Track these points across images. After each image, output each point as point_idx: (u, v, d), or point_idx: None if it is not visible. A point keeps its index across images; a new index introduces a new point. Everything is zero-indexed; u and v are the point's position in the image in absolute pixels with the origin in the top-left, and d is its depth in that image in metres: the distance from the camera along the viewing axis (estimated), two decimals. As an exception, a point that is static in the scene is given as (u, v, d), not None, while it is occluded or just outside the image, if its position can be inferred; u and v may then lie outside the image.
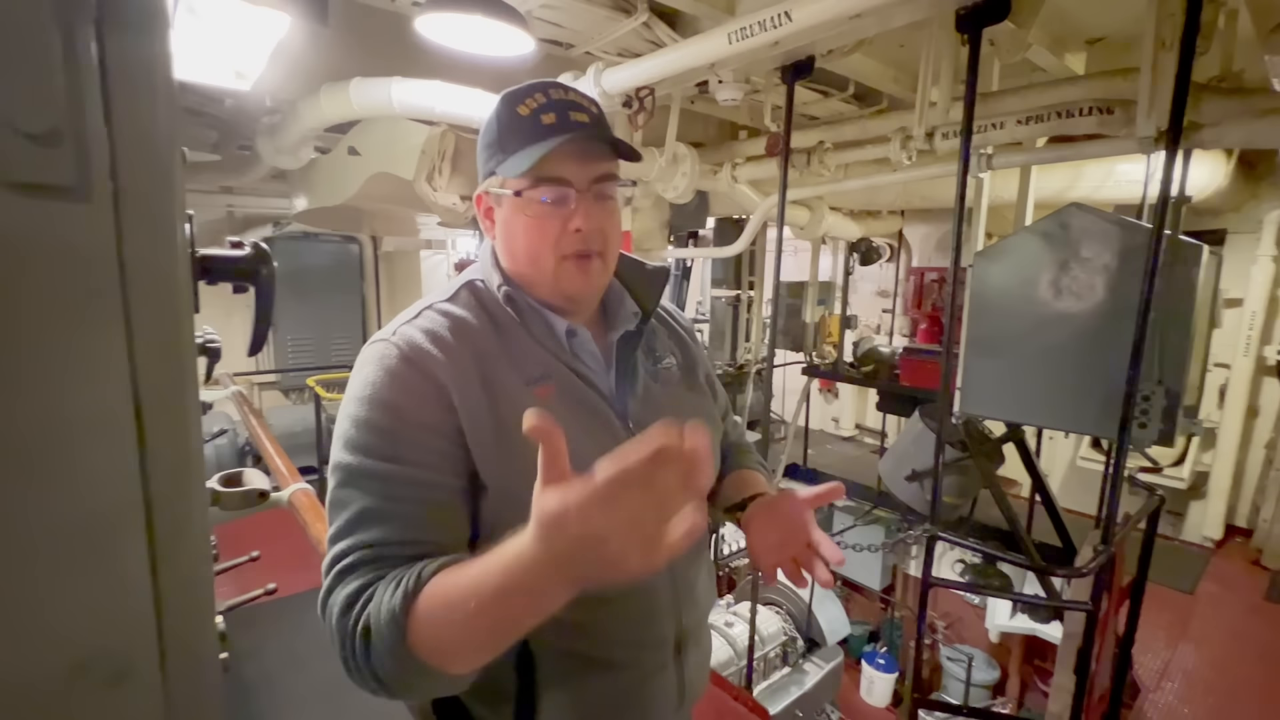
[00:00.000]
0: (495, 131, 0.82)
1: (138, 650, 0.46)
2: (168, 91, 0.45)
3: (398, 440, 0.74)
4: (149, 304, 0.45)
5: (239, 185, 4.12)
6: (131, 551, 0.46)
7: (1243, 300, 5.03)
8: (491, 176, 0.83)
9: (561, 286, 0.83)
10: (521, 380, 0.81)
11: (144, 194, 0.44)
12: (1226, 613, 3.97)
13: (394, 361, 0.76)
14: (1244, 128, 2.10)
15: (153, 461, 0.46)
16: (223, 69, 1.86)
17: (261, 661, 2.94)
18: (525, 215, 0.81)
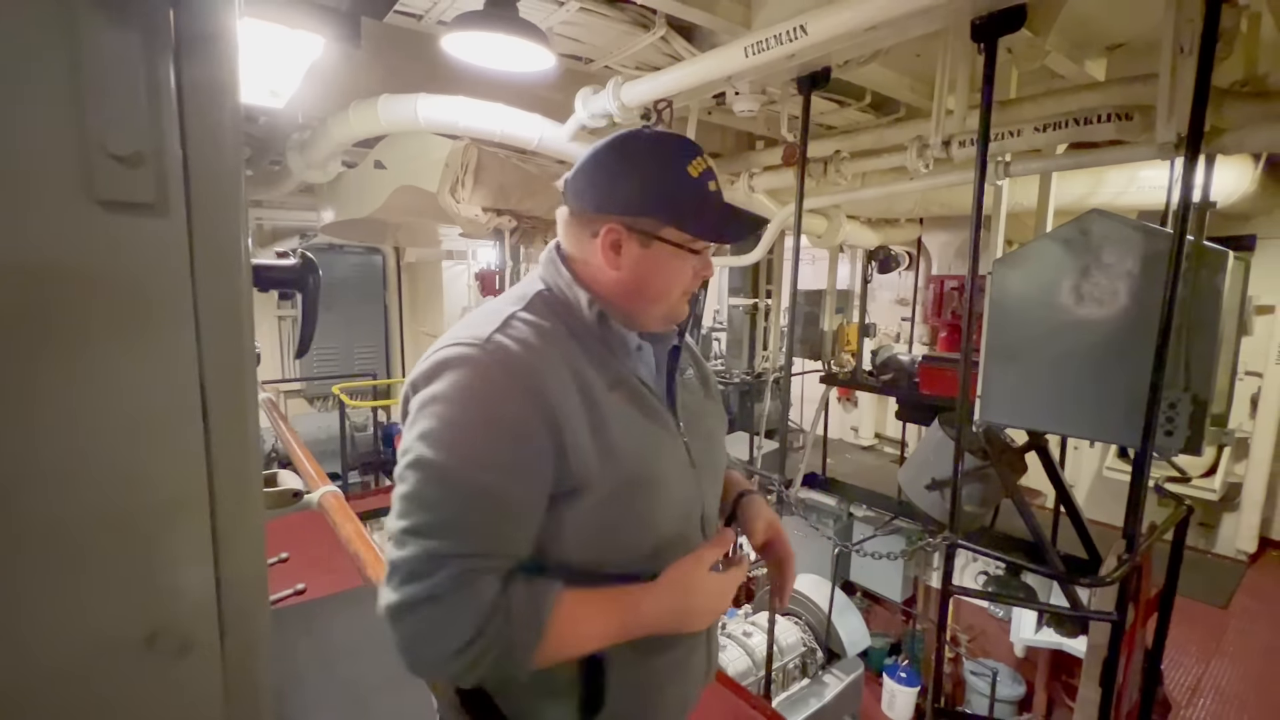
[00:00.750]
0: (668, 182, 0.88)
1: (200, 626, 0.50)
2: (235, 115, 0.49)
3: (499, 452, 0.78)
4: (216, 310, 0.49)
5: (268, 199, 4.25)
6: (196, 537, 0.51)
7: (1275, 307, 4.92)
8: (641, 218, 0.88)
9: (675, 314, 0.96)
10: (604, 386, 0.88)
11: (213, 209, 0.49)
12: (1263, 628, 3.85)
13: (493, 370, 0.80)
14: (1268, 132, 2.08)
15: (216, 456, 0.50)
16: (259, 88, 1.95)
17: (292, 663, 3.00)
18: (680, 263, 0.91)
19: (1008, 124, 2.55)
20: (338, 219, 3.77)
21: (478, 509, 0.78)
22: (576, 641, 0.83)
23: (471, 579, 0.76)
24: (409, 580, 0.76)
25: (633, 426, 0.88)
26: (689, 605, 0.88)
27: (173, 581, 0.50)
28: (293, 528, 4.09)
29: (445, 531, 0.77)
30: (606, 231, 0.88)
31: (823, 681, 4.77)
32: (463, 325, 0.87)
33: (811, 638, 4.96)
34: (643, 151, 0.88)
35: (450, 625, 0.75)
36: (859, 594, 6.31)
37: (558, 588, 0.82)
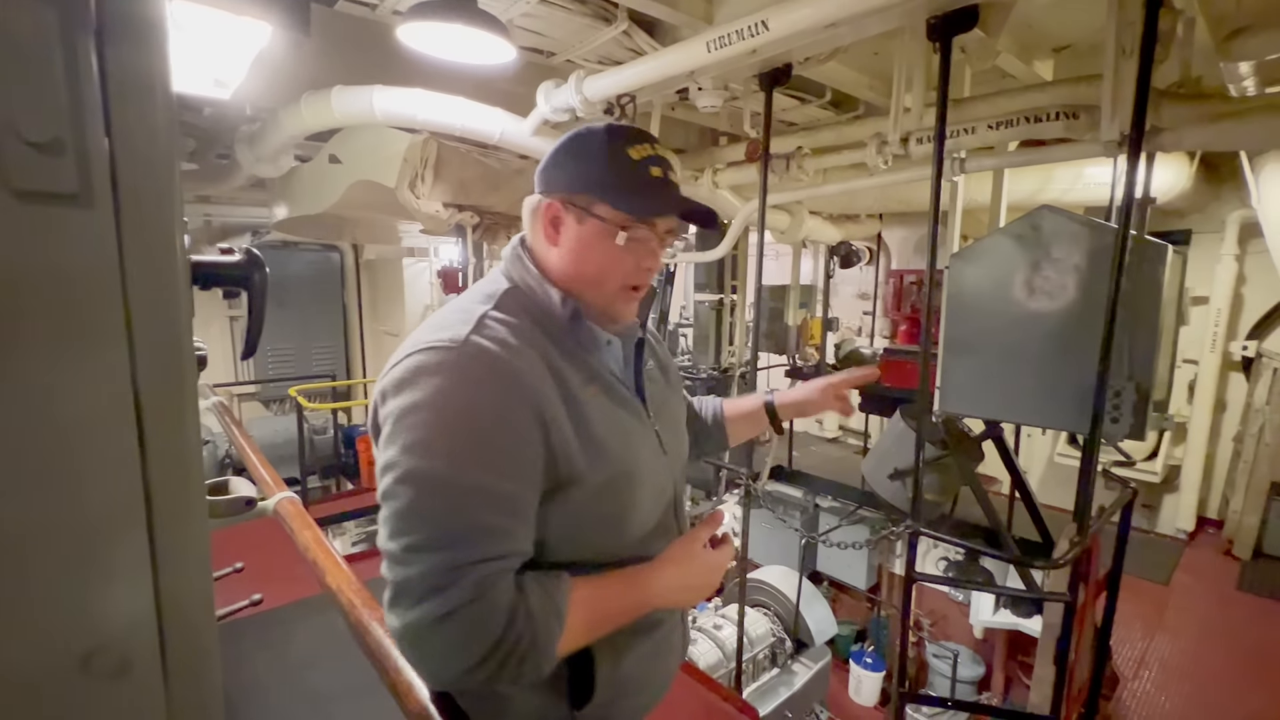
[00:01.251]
0: (601, 159, 0.89)
1: (139, 644, 0.47)
2: (167, 102, 0.46)
3: (488, 451, 0.77)
4: (149, 308, 0.46)
5: (217, 194, 4.08)
6: (132, 551, 0.47)
7: (1208, 298, 5.19)
8: (579, 195, 0.89)
9: (614, 309, 0.95)
10: (580, 382, 0.89)
11: (144, 201, 0.45)
12: (1200, 603, 4.08)
13: (477, 372, 0.79)
14: (1201, 131, 2.18)
15: (153, 464, 0.47)
16: (202, 78, 1.86)
17: (252, 673, 2.90)
18: (611, 243, 0.89)
19: (962, 121, 2.62)
20: (291, 215, 3.64)
21: (484, 513, 0.76)
22: (594, 626, 0.85)
23: (490, 584, 0.75)
24: (426, 597, 0.73)
25: (610, 419, 0.90)
26: (690, 581, 0.93)
27: (107, 598, 0.46)
28: (248, 536, 3.93)
29: (455, 542, 0.75)
30: (547, 207, 0.91)
31: (792, 671, 4.86)
32: (431, 327, 0.85)
33: (780, 628, 5.03)
34: (593, 138, 0.90)
35: (478, 634, 0.74)
36: (826, 583, 6.44)
37: (567, 578, 0.83)
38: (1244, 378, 5.18)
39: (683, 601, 0.95)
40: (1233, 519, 4.89)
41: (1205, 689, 3.24)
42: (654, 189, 0.89)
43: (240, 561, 2.06)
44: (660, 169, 0.90)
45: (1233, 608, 4.02)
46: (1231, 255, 5.06)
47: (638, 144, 0.89)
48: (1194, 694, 3.21)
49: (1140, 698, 3.19)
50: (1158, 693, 3.22)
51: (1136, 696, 3.19)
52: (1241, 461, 4.82)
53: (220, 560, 2.01)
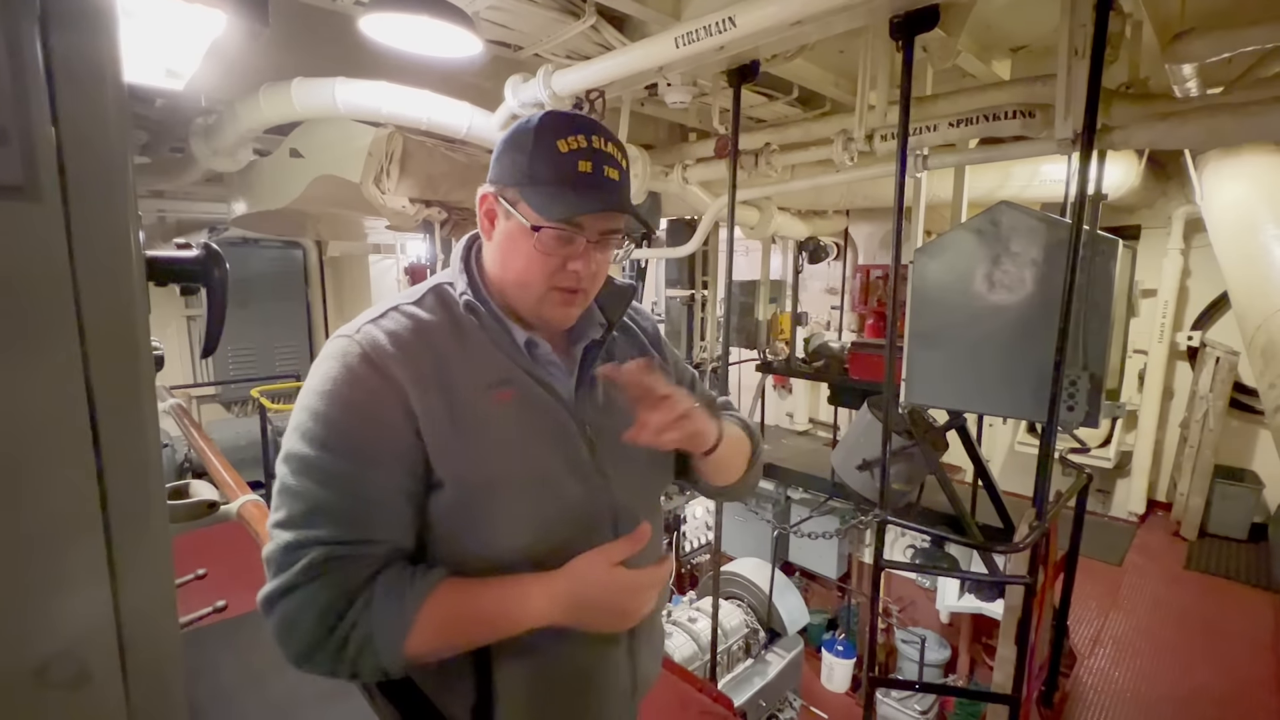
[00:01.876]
0: (529, 151, 0.83)
1: (98, 654, 0.46)
2: (117, 90, 0.44)
3: (356, 439, 0.78)
4: (102, 304, 0.45)
5: (171, 189, 3.93)
6: (88, 557, 0.46)
7: (1156, 291, 5.42)
8: (508, 189, 0.85)
9: (542, 313, 0.89)
10: (482, 384, 0.84)
11: (95, 193, 0.44)
12: (1150, 582, 4.27)
13: (354, 360, 0.80)
14: (1149, 130, 2.27)
15: (110, 467, 0.46)
16: (153, 67, 1.79)
17: (216, 681, 2.81)
18: (530, 244, 0.84)
19: (925, 119, 2.68)
20: (251, 210, 3.53)
21: (335, 496, 0.77)
22: (456, 631, 0.80)
23: (334, 567, 0.76)
24: (276, 572, 0.77)
25: (511, 427, 0.84)
26: (586, 598, 0.81)
27: (64, 606, 0.45)
28: (211, 542, 3.82)
29: (307, 521, 0.77)
30: (482, 199, 0.89)
31: (766, 660, 4.93)
32: (360, 315, 0.88)
33: (754, 619, 5.11)
34: (526, 128, 0.85)
35: (309, 612, 0.75)
36: (797, 574, 6.54)
37: (439, 574, 0.80)
38: (1190, 366, 5.43)
39: (582, 622, 0.82)
40: (1180, 501, 5.12)
41: (1156, 663, 3.40)
42: (578, 187, 0.82)
43: (203, 568, 2.01)
44: (590, 163, 0.82)
45: (1181, 586, 4.21)
46: (1178, 250, 5.28)
47: (571, 135, 0.82)
48: (1146, 668, 3.36)
49: (1096, 673, 3.33)
50: (1112, 668, 3.36)
51: (1093, 672, 3.33)
52: (1188, 446, 5.05)
53: (183, 567, 1.95)
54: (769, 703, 4.74)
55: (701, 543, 6.45)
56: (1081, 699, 3.14)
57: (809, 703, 5.35)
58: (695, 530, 6.48)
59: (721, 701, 2.95)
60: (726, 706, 2.93)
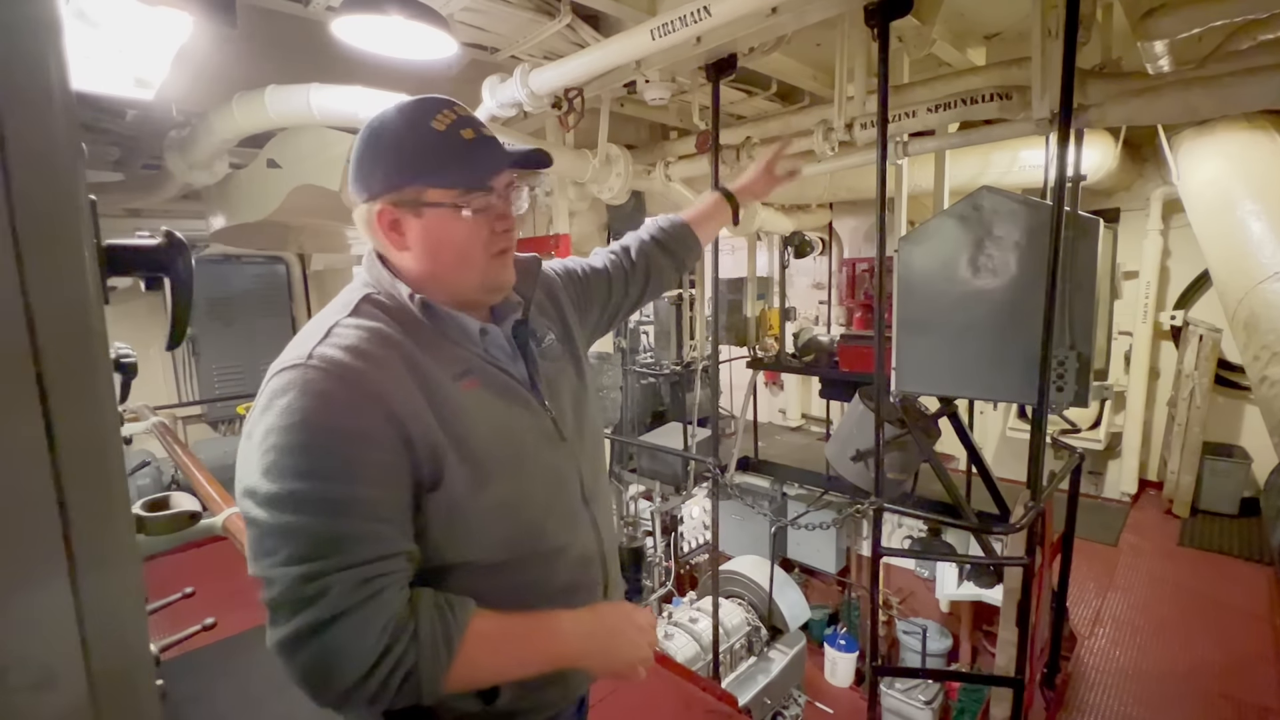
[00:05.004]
0: (411, 146, 0.83)
1: (61, 656, 0.43)
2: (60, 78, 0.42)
3: (343, 460, 0.75)
4: (50, 296, 0.42)
5: (147, 206, 3.87)
6: (47, 558, 0.43)
7: (1138, 272, 5.48)
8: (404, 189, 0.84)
9: (491, 280, 0.91)
10: (448, 377, 0.85)
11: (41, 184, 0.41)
12: (1146, 560, 4.29)
13: (321, 383, 0.76)
14: (1123, 106, 2.29)
15: (65, 460, 0.43)
16: (121, 77, 1.75)
17: (211, 705, 2.76)
18: (458, 224, 0.86)
19: (903, 106, 2.69)
20: (230, 224, 3.48)
21: (344, 521, 0.74)
22: (491, 666, 0.82)
23: (372, 589, 0.73)
24: (302, 608, 0.72)
25: (486, 412, 0.87)
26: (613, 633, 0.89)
27: (21, 608, 0.42)
28: (201, 562, 3.75)
29: (323, 550, 0.73)
30: (379, 215, 0.86)
31: (768, 658, 4.91)
32: (288, 347, 0.83)
33: (755, 616, 5.09)
34: (386, 125, 0.85)
35: (356, 642, 0.72)
36: (796, 570, 6.53)
37: (470, 606, 0.80)
38: (1174, 346, 5.49)
39: (604, 661, 0.89)
40: (1171, 480, 5.17)
41: (1156, 639, 3.41)
42: (473, 152, 0.85)
43: (191, 587, 1.96)
44: (471, 129, 0.85)
45: (1176, 562, 4.24)
46: (1157, 230, 5.35)
47: (437, 114, 0.84)
48: (1146, 645, 3.37)
49: (1097, 653, 3.34)
50: (1113, 647, 3.37)
51: (1094, 652, 3.34)
52: (1176, 425, 5.10)
53: (171, 586, 1.91)
54: (774, 700, 4.72)
55: (699, 542, 6.43)
56: (1084, 679, 3.14)
57: (813, 698, 5.33)
58: (693, 530, 6.46)
59: (726, 699, 2.93)
60: (731, 704, 2.90)
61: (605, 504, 1.08)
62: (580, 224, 4.13)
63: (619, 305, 1.29)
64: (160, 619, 1.97)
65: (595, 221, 4.29)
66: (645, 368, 6.44)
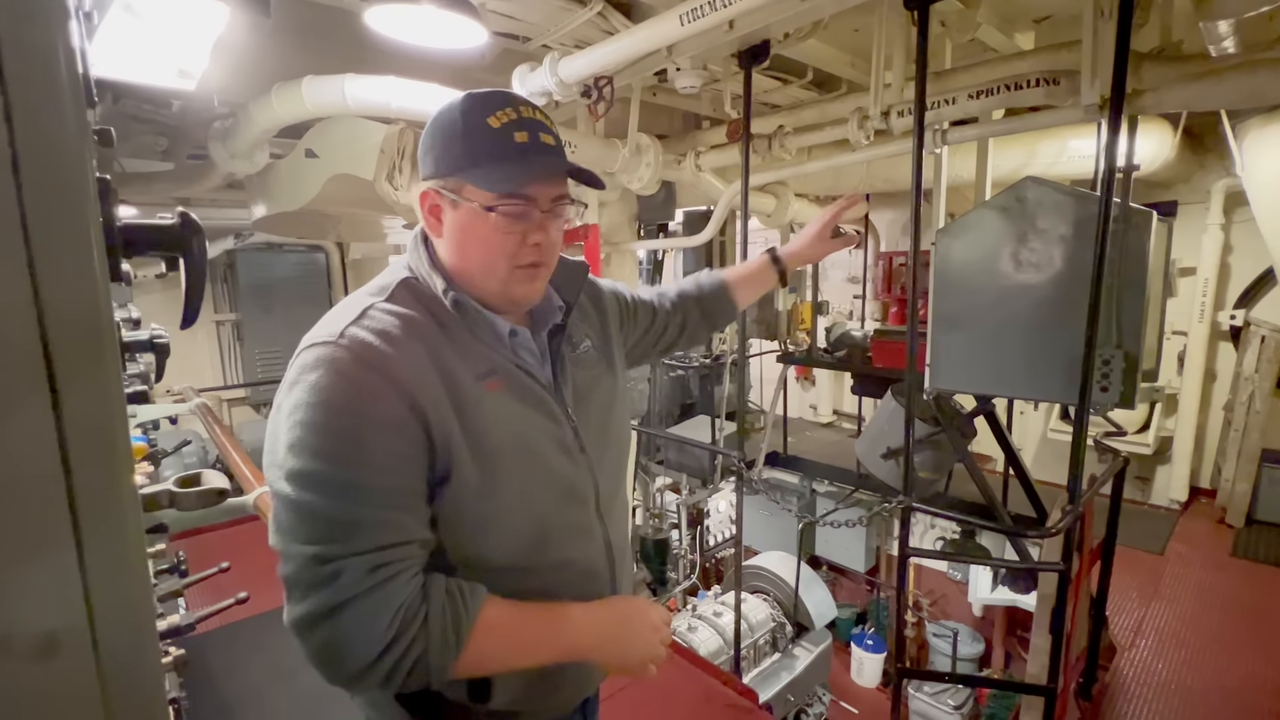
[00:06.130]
0: (461, 136, 0.83)
1: (65, 622, 0.44)
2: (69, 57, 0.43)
3: (364, 446, 0.76)
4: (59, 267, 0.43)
5: (195, 196, 4.01)
6: (52, 529, 0.44)
7: (1196, 269, 5.20)
8: (448, 179, 0.85)
9: (511, 293, 0.89)
10: (471, 375, 0.85)
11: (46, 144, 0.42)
12: (1195, 571, 4.10)
13: (349, 365, 0.77)
14: (1182, 91, 2.16)
15: (70, 427, 0.44)
16: (165, 68, 1.81)
17: (246, 677, 2.88)
18: (487, 226, 0.84)
19: (943, 92, 2.59)
20: (270, 213, 3.58)
21: (362, 507, 0.75)
22: (500, 654, 0.82)
23: (383, 575, 0.74)
24: (315, 588, 0.74)
25: (504, 414, 0.86)
26: (625, 628, 0.89)
27: (25, 577, 0.44)
28: (238, 539, 3.92)
29: (338, 534, 0.74)
30: (423, 197, 0.88)
31: (793, 655, 4.87)
32: (321, 323, 0.84)
33: (780, 613, 5.04)
34: (451, 113, 0.85)
35: (367, 627, 0.73)
36: (824, 568, 6.46)
37: (482, 594, 0.81)
38: (1233, 347, 5.19)
39: (617, 654, 0.89)
40: (1225, 487, 4.91)
41: (1201, 654, 3.25)
42: (522, 157, 0.83)
43: (227, 562, 2.04)
44: (526, 133, 0.83)
45: (1227, 574, 4.04)
46: (1217, 225, 5.06)
47: (498, 110, 0.83)
48: (1191, 659, 3.22)
49: (1137, 665, 3.20)
50: (1154, 659, 3.23)
51: (1134, 664, 3.21)
52: (1232, 430, 4.84)
53: (207, 562, 1.98)
54: (797, 697, 4.68)
55: (725, 537, 6.39)
56: (1123, 691, 3.02)
57: (838, 697, 5.27)
58: (719, 524, 6.43)
59: (746, 694, 2.92)
60: (751, 699, 2.89)
61: (621, 518, 1.06)
62: (610, 215, 4.11)
63: (655, 341, 1.30)
64: (199, 592, 2.06)
65: (625, 212, 4.27)
66: (674, 360, 6.41)
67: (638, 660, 0.89)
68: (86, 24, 0.94)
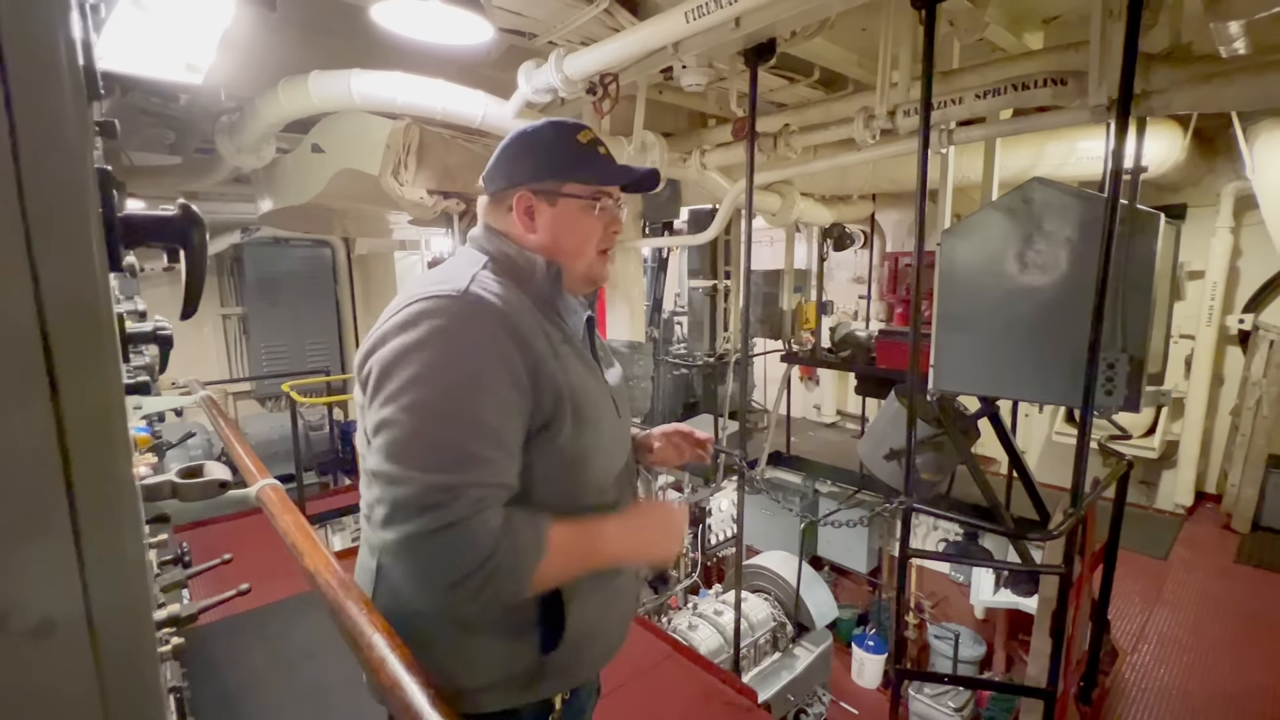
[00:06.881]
0: (559, 147, 1.03)
1: (61, 603, 0.45)
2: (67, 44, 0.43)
3: (485, 388, 0.87)
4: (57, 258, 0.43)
5: (203, 190, 4.04)
6: (50, 514, 0.45)
7: (1204, 272, 5.16)
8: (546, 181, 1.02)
9: (593, 273, 1.09)
10: (559, 337, 1.01)
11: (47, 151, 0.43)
12: (1199, 576, 4.07)
13: (474, 315, 0.88)
14: (1191, 93, 2.14)
15: (68, 412, 0.45)
16: (172, 62, 1.82)
17: (248, 667, 2.90)
18: (587, 215, 1.04)
19: (949, 92, 2.58)
20: (276, 207, 3.60)
21: (476, 443, 0.85)
22: (565, 564, 0.94)
23: (483, 506, 0.84)
24: (425, 511, 0.81)
25: (582, 376, 1.01)
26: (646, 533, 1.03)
27: (23, 559, 0.44)
28: (240, 531, 3.94)
29: (450, 466, 0.83)
30: (519, 200, 1.02)
31: (793, 654, 4.86)
32: (427, 282, 0.94)
33: (781, 612, 5.04)
34: (538, 132, 1.04)
35: (469, 548, 0.83)
36: (826, 568, 6.45)
37: (548, 517, 0.93)
38: (1241, 351, 5.15)
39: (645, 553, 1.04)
40: (1231, 493, 4.88)
41: (1204, 660, 3.23)
42: (606, 163, 1.05)
43: (230, 554, 2.05)
44: (604, 148, 1.06)
45: (1231, 580, 4.01)
46: (1227, 228, 5.02)
47: (580, 131, 1.05)
48: (1193, 664, 3.20)
49: (1139, 670, 3.18)
50: (1156, 665, 3.21)
51: (1136, 669, 3.19)
52: (1239, 435, 4.80)
53: (210, 553, 2.00)
54: (797, 697, 4.68)
55: (727, 535, 6.39)
56: (1124, 695, 3.01)
57: (839, 698, 5.27)
58: (720, 523, 6.43)
59: (745, 693, 2.92)
60: (750, 697, 2.89)
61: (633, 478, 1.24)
62: (615, 212, 4.12)
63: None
64: (202, 583, 2.07)
65: (630, 210, 4.27)
66: (678, 358, 6.41)
67: (661, 559, 1.05)
68: (93, 16, 0.95)
